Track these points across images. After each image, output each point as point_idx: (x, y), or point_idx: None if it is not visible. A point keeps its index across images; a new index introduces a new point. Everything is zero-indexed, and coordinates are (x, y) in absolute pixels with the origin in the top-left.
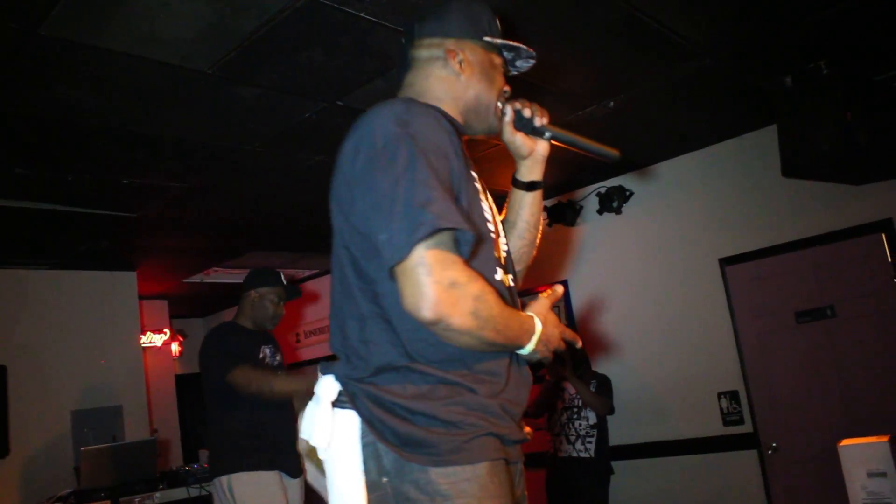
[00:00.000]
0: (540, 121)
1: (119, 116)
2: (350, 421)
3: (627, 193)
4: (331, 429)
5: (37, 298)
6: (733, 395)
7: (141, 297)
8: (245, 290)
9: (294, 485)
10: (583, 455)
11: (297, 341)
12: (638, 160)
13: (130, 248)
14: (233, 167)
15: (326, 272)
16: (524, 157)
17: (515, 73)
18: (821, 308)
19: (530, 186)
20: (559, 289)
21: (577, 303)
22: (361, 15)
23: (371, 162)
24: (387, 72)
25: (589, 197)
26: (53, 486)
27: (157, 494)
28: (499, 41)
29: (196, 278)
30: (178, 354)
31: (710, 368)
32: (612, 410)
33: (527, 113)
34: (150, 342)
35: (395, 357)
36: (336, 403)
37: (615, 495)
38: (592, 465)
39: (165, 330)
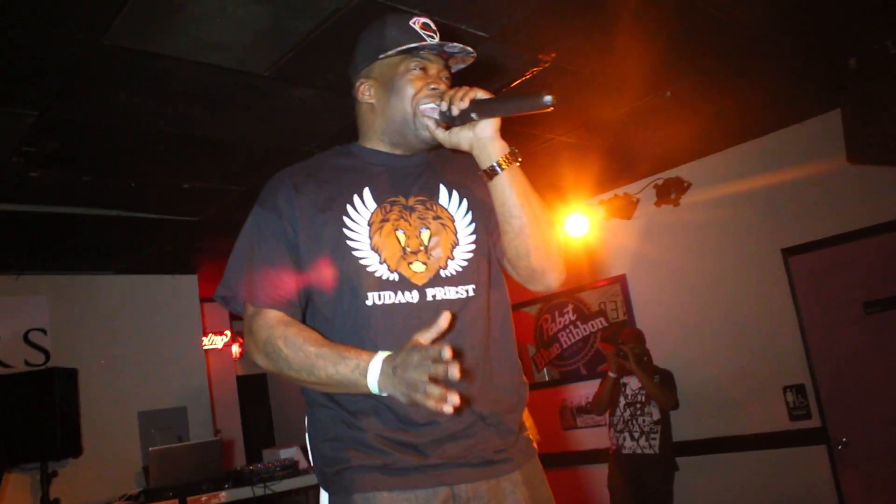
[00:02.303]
0: (457, 108)
1: (179, 121)
2: None
3: (685, 184)
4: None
5: (103, 303)
6: (800, 389)
7: (202, 300)
8: None
9: None
10: (647, 451)
11: None
12: (696, 150)
13: (191, 251)
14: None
15: None
16: (473, 150)
17: (463, 58)
18: (891, 298)
19: (490, 173)
20: (441, 321)
21: (636, 297)
22: (415, 12)
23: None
24: None
25: (646, 189)
26: (123, 485)
27: (224, 493)
28: (390, 53)
29: None
30: (238, 356)
31: (774, 362)
32: (676, 405)
33: (443, 107)
34: (212, 344)
35: (309, 397)
36: None
37: (680, 492)
38: (657, 462)
39: (226, 332)
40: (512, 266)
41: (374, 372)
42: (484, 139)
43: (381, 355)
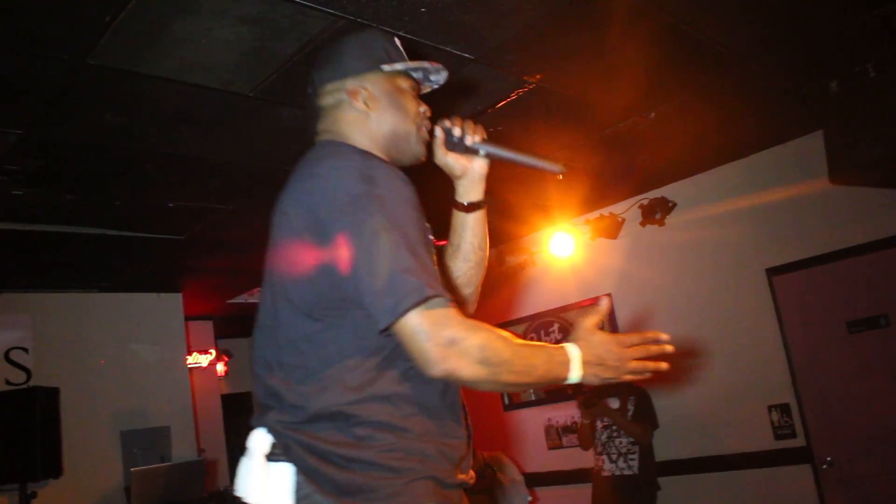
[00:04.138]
0: (472, 139)
1: (165, 141)
2: (284, 475)
3: (670, 204)
4: (265, 484)
5: (87, 321)
6: (784, 409)
7: (187, 318)
8: None
9: None
10: (626, 472)
11: None
12: (680, 170)
13: (176, 269)
14: (275, 188)
15: None
16: (460, 178)
17: (432, 88)
18: (874, 317)
19: (470, 207)
20: (602, 305)
21: (622, 316)
22: (401, 34)
23: (342, 221)
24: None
25: (632, 209)
26: None
27: None
28: (398, 65)
29: (241, 298)
30: (223, 374)
31: (759, 381)
32: (650, 436)
33: (457, 132)
34: (196, 363)
35: (328, 404)
36: (269, 457)
37: None
38: (637, 482)
39: (211, 350)
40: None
41: (576, 365)
42: (477, 174)
43: (574, 348)
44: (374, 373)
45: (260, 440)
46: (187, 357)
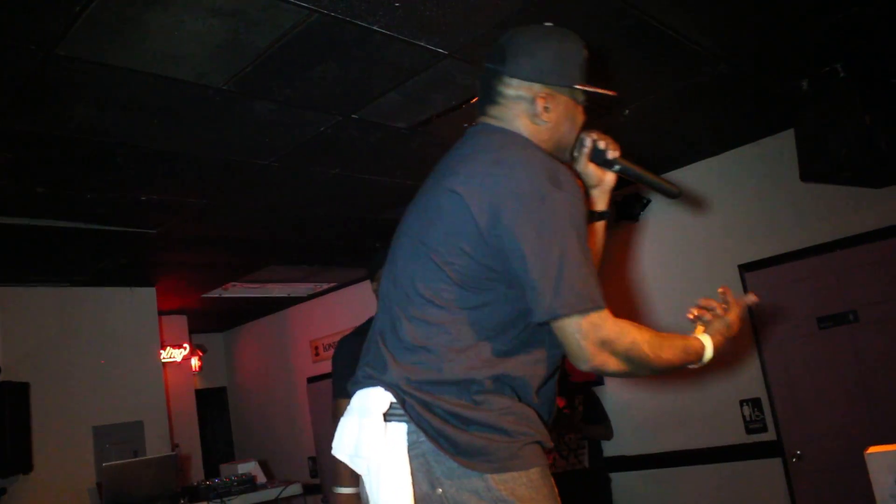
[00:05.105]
0: (612, 153)
1: (136, 134)
2: (400, 434)
3: (645, 201)
4: (381, 442)
5: (58, 315)
6: (756, 403)
7: (160, 313)
8: (371, 280)
9: None
10: (577, 467)
11: (317, 354)
12: (653, 168)
13: (150, 264)
14: (249, 182)
15: (345, 285)
16: (593, 187)
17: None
18: (843, 313)
19: (599, 216)
20: (750, 298)
21: None
22: (375, 28)
23: (530, 213)
24: (401, 84)
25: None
26: (76, 502)
27: None
28: (590, 89)
29: (215, 293)
30: (198, 369)
31: (731, 376)
32: (611, 435)
33: (602, 145)
34: (170, 357)
35: (460, 369)
36: (388, 416)
37: None
38: (590, 475)
39: (185, 345)
40: None
41: (709, 348)
42: (608, 186)
43: (706, 337)
44: (507, 346)
45: (377, 399)
46: (161, 352)
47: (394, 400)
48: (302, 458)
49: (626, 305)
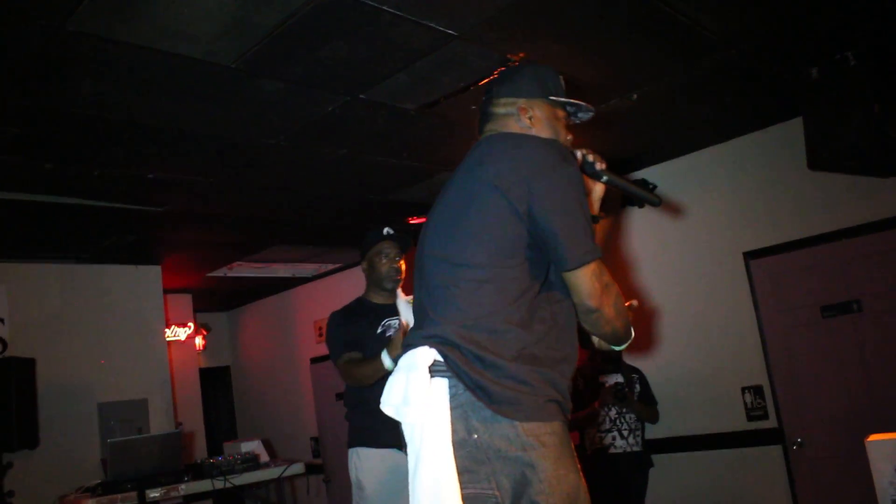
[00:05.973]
0: (600, 165)
1: (145, 111)
2: (442, 388)
3: (650, 187)
4: (425, 395)
5: (64, 292)
6: (758, 390)
7: (165, 291)
8: (362, 260)
9: None
10: (635, 449)
11: (320, 335)
12: (661, 153)
13: (155, 242)
14: (257, 161)
15: (350, 266)
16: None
17: (577, 122)
18: (847, 302)
19: (592, 219)
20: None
21: None
22: (384, 8)
23: (553, 181)
24: (409, 65)
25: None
26: (81, 478)
27: (183, 486)
28: (562, 99)
29: (220, 272)
30: (202, 348)
31: (734, 363)
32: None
33: (590, 158)
34: (175, 336)
35: (498, 321)
36: (432, 371)
37: None
38: (642, 459)
39: (190, 324)
40: None
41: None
42: (598, 195)
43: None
44: (528, 306)
45: (423, 356)
46: (165, 330)
47: (438, 357)
48: (304, 438)
49: (629, 291)
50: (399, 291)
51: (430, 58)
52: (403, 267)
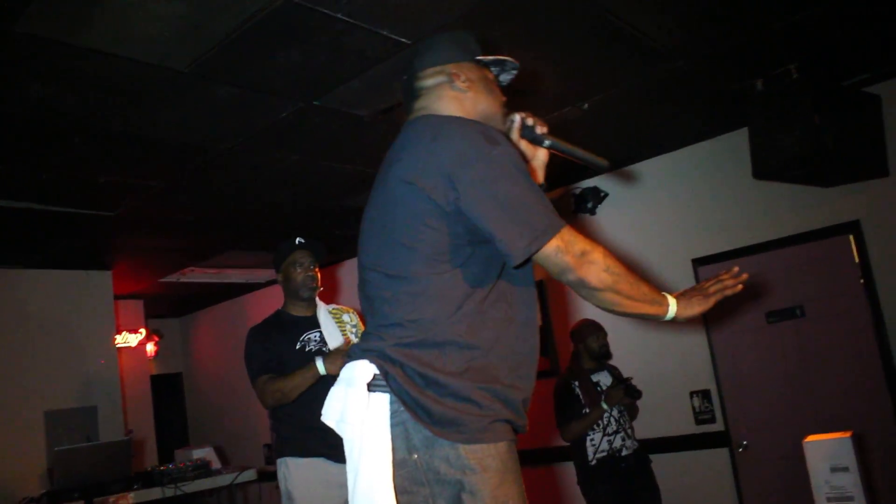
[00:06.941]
0: (541, 129)
1: (95, 115)
2: (382, 404)
3: (602, 194)
4: (364, 411)
5: (10, 298)
6: (705, 394)
7: (116, 297)
8: (277, 272)
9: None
10: (637, 448)
11: None
12: (612, 162)
13: (106, 247)
14: (210, 166)
15: None
16: (527, 163)
17: (502, 84)
18: (790, 308)
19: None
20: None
21: (552, 303)
22: (338, 16)
23: (479, 172)
24: (363, 72)
25: (564, 198)
26: (26, 488)
27: (132, 495)
28: (489, 58)
29: (172, 278)
30: (153, 354)
31: (682, 368)
32: None
33: (530, 122)
34: (126, 342)
35: (440, 334)
36: (370, 386)
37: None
38: (644, 456)
39: (141, 330)
40: None
41: (672, 301)
42: (540, 161)
43: (670, 296)
44: (477, 308)
45: (362, 370)
46: (116, 336)
47: (377, 372)
48: (257, 445)
49: (578, 299)
50: (318, 301)
51: (383, 65)
52: (319, 275)
